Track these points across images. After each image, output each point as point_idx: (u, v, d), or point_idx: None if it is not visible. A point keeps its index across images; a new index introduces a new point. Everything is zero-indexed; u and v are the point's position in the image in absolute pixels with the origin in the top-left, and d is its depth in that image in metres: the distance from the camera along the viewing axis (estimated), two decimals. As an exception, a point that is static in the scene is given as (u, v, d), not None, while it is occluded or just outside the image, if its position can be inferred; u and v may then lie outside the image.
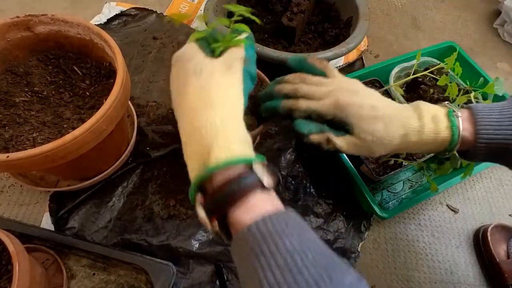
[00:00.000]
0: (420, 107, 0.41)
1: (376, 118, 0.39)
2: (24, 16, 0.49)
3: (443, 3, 1.03)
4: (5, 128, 0.46)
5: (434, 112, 0.41)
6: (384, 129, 0.39)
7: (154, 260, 0.51)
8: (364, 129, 0.39)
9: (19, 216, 0.57)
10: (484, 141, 0.39)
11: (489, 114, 0.39)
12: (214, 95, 0.31)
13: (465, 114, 0.41)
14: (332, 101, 0.40)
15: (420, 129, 0.40)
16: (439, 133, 0.40)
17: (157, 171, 0.62)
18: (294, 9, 0.71)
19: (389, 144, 0.40)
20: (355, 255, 0.60)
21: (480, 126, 0.39)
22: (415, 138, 0.40)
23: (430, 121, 0.40)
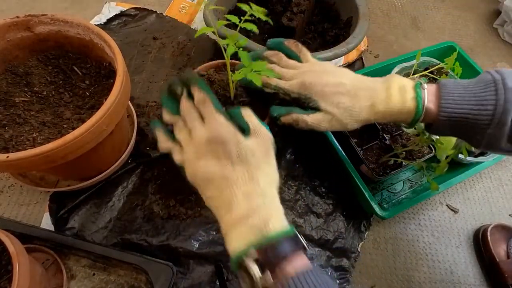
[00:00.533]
0: (390, 79, 0.44)
1: (340, 93, 0.43)
2: (24, 16, 0.49)
3: (443, 3, 1.03)
4: (5, 128, 0.46)
5: (402, 83, 0.43)
6: (350, 102, 0.43)
7: (154, 260, 0.51)
8: (329, 103, 0.43)
9: (19, 216, 0.57)
10: (446, 114, 0.41)
11: (454, 89, 0.41)
12: (262, 184, 0.36)
13: (433, 88, 0.43)
14: (299, 82, 0.45)
15: (387, 100, 0.43)
16: (404, 104, 0.42)
17: (157, 171, 0.62)
18: (294, 9, 0.71)
19: (359, 115, 0.44)
20: (355, 255, 0.60)
21: (444, 100, 0.41)
22: (382, 108, 0.43)
23: (397, 92, 0.43)
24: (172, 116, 0.42)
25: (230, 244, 0.34)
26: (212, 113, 0.38)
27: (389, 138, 0.64)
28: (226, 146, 0.36)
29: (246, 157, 0.36)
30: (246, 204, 0.34)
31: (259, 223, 0.33)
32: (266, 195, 0.36)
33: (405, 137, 0.65)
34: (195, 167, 0.38)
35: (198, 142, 0.38)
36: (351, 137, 0.63)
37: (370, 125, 0.65)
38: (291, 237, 0.33)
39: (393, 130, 0.66)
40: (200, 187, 0.38)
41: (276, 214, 0.35)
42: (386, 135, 0.64)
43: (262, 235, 0.33)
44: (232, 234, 0.34)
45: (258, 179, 0.36)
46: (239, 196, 0.35)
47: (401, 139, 0.65)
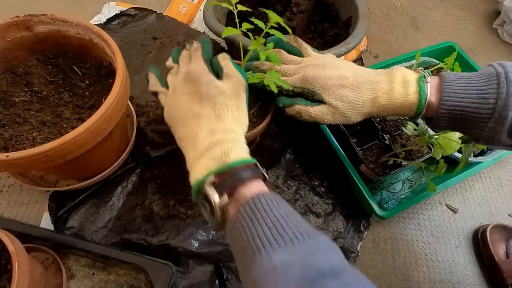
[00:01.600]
0: (393, 71, 0.44)
1: (342, 86, 0.43)
2: (24, 16, 0.49)
3: (443, 3, 1.03)
4: (5, 128, 0.46)
5: (405, 76, 0.43)
6: (352, 95, 0.43)
7: (154, 260, 0.51)
8: (332, 97, 0.43)
9: (18, 215, 0.57)
10: (447, 108, 0.40)
11: (456, 82, 0.41)
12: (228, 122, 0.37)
13: (435, 81, 0.42)
14: (301, 76, 0.45)
15: (390, 92, 0.42)
16: (407, 97, 0.42)
17: (156, 171, 0.62)
18: (294, 9, 0.71)
19: (362, 108, 0.44)
20: (355, 255, 0.60)
21: (445, 93, 0.40)
22: (384, 101, 0.43)
23: (400, 85, 0.42)
24: (171, 62, 0.45)
25: (192, 176, 0.35)
26: (197, 58, 0.41)
27: (388, 138, 0.64)
28: (198, 84, 0.38)
29: (215, 96, 0.38)
30: (210, 138, 0.36)
31: (219, 154, 0.35)
32: (230, 131, 0.37)
33: (404, 137, 0.66)
34: (171, 104, 0.40)
35: (177, 80, 0.40)
36: (350, 137, 0.63)
37: (369, 125, 0.65)
38: (250, 166, 0.35)
39: (392, 130, 0.66)
40: (173, 126, 0.40)
41: (238, 147, 0.36)
42: (385, 135, 0.64)
43: (222, 163, 0.34)
44: (195, 167, 0.35)
45: (225, 118, 0.37)
46: (204, 132, 0.36)
47: (400, 139, 0.65)
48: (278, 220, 0.30)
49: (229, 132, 0.37)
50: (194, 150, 0.36)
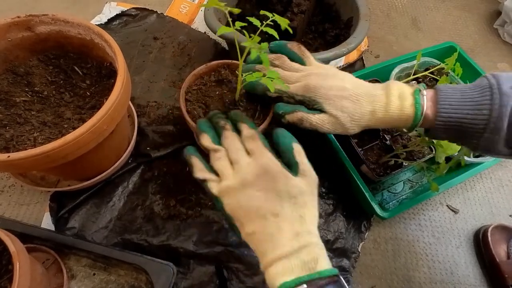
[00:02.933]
0: (390, 85, 0.45)
1: (343, 97, 0.44)
2: (25, 16, 0.49)
3: (444, 3, 1.03)
4: (6, 128, 0.46)
5: (401, 90, 0.44)
6: (352, 106, 0.44)
7: (155, 260, 0.51)
8: (333, 107, 0.44)
9: (19, 216, 0.57)
10: (442, 120, 0.41)
11: (451, 95, 0.42)
12: (309, 223, 0.36)
13: (430, 94, 0.43)
14: (302, 84, 0.45)
15: (387, 106, 0.43)
16: (403, 110, 0.43)
17: (157, 171, 0.62)
18: (295, 10, 0.71)
19: (360, 120, 0.44)
20: (355, 255, 0.60)
21: (440, 105, 0.41)
22: (382, 114, 0.44)
23: (396, 98, 0.43)
24: (211, 143, 0.41)
25: (275, 276, 0.33)
26: (261, 148, 0.39)
27: (389, 138, 0.64)
28: (276, 182, 0.36)
29: (295, 195, 0.36)
30: (295, 241, 0.34)
31: (309, 260, 0.33)
32: (313, 234, 0.36)
33: (405, 138, 0.65)
34: (240, 198, 0.37)
35: (246, 173, 0.37)
36: (351, 137, 0.63)
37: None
38: (337, 279, 0.34)
39: (393, 131, 0.66)
40: (242, 221, 0.37)
41: (324, 254, 0.35)
42: (386, 135, 0.64)
43: (311, 270, 0.33)
44: (277, 268, 0.33)
45: (306, 218, 0.36)
46: (287, 233, 0.35)
47: (401, 139, 0.65)
48: None
49: (312, 235, 0.36)
50: (275, 250, 0.34)
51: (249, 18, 0.42)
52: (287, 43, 0.49)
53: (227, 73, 0.55)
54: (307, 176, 0.38)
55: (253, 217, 0.36)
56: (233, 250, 0.56)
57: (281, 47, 0.49)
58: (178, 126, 0.66)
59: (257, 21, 0.41)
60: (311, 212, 0.37)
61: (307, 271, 0.33)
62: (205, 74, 0.55)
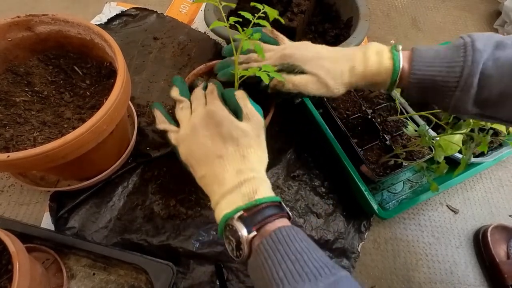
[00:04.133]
0: (367, 45, 0.46)
1: (320, 58, 0.45)
2: (24, 16, 0.49)
3: (443, 3, 1.03)
4: (6, 128, 0.46)
5: (379, 47, 0.45)
6: (331, 64, 0.45)
7: (154, 260, 0.51)
8: (311, 65, 0.45)
9: (19, 216, 0.57)
10: (417, 77, 0.42)
11: (425, 52, 0.42)
12: (252, 162, 0.39)
13: (407, 53, 0.44)
14: (278, 56, 0.46)
15: (365, 60, 0.44)
16: (381, 64, 0.44)
17: (157, 171, 0.62)
18: (295, 10, 0.71)
19: (341, 77, 0.45)
20: (355, 255, 0.60)
21: (415, 62, 0.42)
22: (361, 69, 0.44)
23: (374, 54, 0.44)
24: (179, 95, 0.45)
25: (221, 211, 0.37)
26: (214, 98, 0.42)
27: (389, 138, 0.64)
28: (221, 126, 0.39)
29: (238, 137, 0.39)
30: (238, 177, 0.37)
31: (248, 191, 0.36)
32: (256, 170, 0.39)
33: (405, 138, 0.66)
34: (190, 144, 0.40)
35: (196, 120, 0.40)
36: (351, 137, 0.63)
37: (370, 126, 0.65)
38: (277, 204, 0.37)
39: (393, 131, 0.66)
40: (194, 165, 0.40)
41: (264, 185, 0.38)
42: (386, 135, 0.64)
43: (250, 199, 0.36)
44: (222, 203, 0.37)
45: (249, 158, 0.39)
46: (231, 171, 0.38)
47: (401, 139, 0.65)
48: (300, 254, 0.31)
49: (255, 172, 0.38)
50: (221, 188, 0.37)
51: (241, 12, 0.42)
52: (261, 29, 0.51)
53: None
54: (250, 120, 0.40)
55: (202, 161, 0.39)
56: (233, 250, 0.56)
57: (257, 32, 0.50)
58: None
59: (249, 14, 0.41)
60: (256, 152, 0.40)
61: (246, 201, 0.36)
62: (204, 74, 0.55)
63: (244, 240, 0.34)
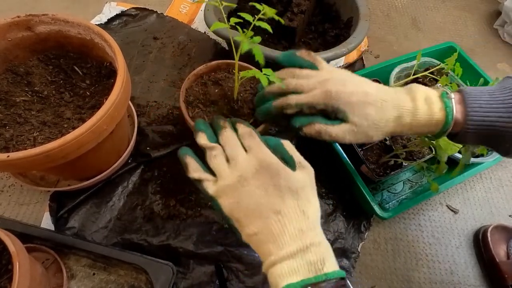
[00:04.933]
0: (413, 89, 0.42)
1: (367, 103, 0.41)
2: (24, 16, 0.49)
3: (443, 3, 1.03)
4: (6, 128, 0.46)
5: (427, 94, 0.42)
6: (377, 113, 0.41)
7: (154, 260, 0.51)
8: (357, 114, 0.40)
9: (19, 215, 0.57)
10: (474, 123, 0.40)
11: (480, 97, 0.40)
12: (313, 218, 0.35)
13: (457, 97, 0.41)
14: (322, 91, 0.41)
15: (414, 111, 0.41)
16: (433, 115, 0.41)
17: (157, 171, 0.62)
18: (295, 10, 0.71)
19: (385, 127, 0.42)
20: (355, 255, 0.60)
21: (470, 108, 0.40)
22: (409, 119, 0.41)
23: (423, 103, 0.41)
24: (207, 141, 0.39)
25: (279, 277, 0.32)
26: (259, 144, 0.37)
27: (389, 138, 0.64)
28: (277, 177, 0.35)
29: (297, 190, 0.35)
30: (299, 239, 0.33)
31: (315, 260, 0.32)
32: (318, 231, 0.35)
33: (405, 138, 0.66)
34: (238, 197, 0.35)
35: (243, 170, 0.36)
36: (351, 137, 0.63)
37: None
38: (344, 283, 0.32)
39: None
40: (242, 221, 0.35)
41: (331, 254, 0.34)
42: (386, 135, 0.64)
43: (319, 273, 0.31)
44: (281, 268, 0.32)
45: (309, 214, 0.35)
46: (291, 231, 0.33)
47: (401, 139, 0.65)
48: None
49: (317, 233, 0.34)
50: (279, 250, 0.33)
51: (241, 14, 0.42)
52: (295, 51, 0.46)
53: (227, 73, 0.55)
54: (305, 169, 0.37)
55: (253, 216, 0.34)
56: (233, 250, 0.56)
57: (290, 57, 0.46)
58: (178, 126, 0.66)
59: (249, 16, 0.41)
60: (314, 206, 0.36)
61: (314, 272, 0.31)
62: (205, 74, 0.55)
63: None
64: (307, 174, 0.37)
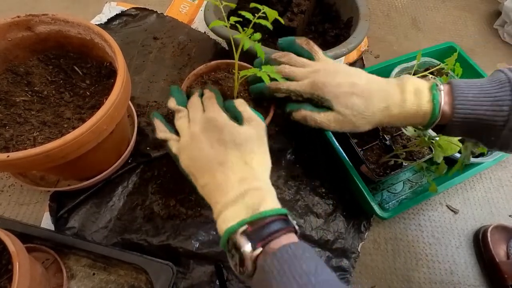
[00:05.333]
0: (404, 81, 0.43)
1: (354, 94, 0.42)
2: (24, 16, 0.49)
3: (443, 3, 1.03)
4: (6, 128, 0.46)
5: (417, 85, 0.42)
6: (363, 104, 0.42)
7: (154, 260, 0.51)
8: (342, 105, 0.42)
9: (19, 215, 0.57)
10: (461, 116, 0.40)
11: (468, 90, 0.40)
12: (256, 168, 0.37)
13: (446, 88, 0.41)
14: (310, 81, 0.44)
15: (402, 103, 0.41)
16: (420, 107, 0.41)
17: (157, 171, 0.62)
18: (295, 10, 0.71)
19: (372, 118, 0.43)
20: (355, 255, 0.60)
21: (458, 101, 0.40)
22: (396, 111, 0.42)
23: (412, 95, 0.41)
24: (176, 105, 0.44)
25: (223, 223, 0.34)
26: (212, 105, 0.41)
27: (389, 138, 0.64)
28: (221, 132, 0.38)
29: (240, 142, 0.37)
30: (241, 186, 0.35)
31: (253, 202, 0.34)
32: (260, 178, 0.37)
33: (405, 138, 0.66)
34: (191, 153, 0.39)
35: (195, 127, 0.39)
36: (351, 137, 0.63)
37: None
38: (283, 217, 0.35)
39: (393, 131, 0.66)
40: (195, 174, 0.38)
41: (270, 196, 0.36)
42: (386, 135, 0.64)
43: (255, 211, 0.34)
44: (225, 214, 0.35)
45: (252, 164, 0.37)
46: (233, 180, 0.36)
47: (401, 139, 0.65)
48: (307, 275, 0.29)
49: (259, 180, 0.37)
50: (223, 197, 0.35)
51: (241, 12, 0.42)
52: (295, 38, 0.49)
53: (226, 73, 0.55)
54: (252, 123, 0.39)
55: (203, 169, 0.37)
56: (233, 250, 0.56)
57: (290, 43, 0.49)
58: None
59: (249, 14, 0.41)
60: (259, 158, 0.38)
61: (251, 213, 0.34)
62: (204, 74, 0.55)
63: (248, 257, 0.32)
64: (253, 128, 0.39)
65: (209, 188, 0.37)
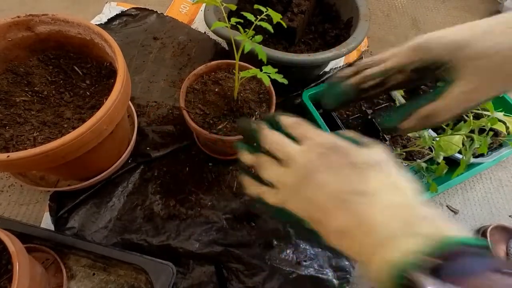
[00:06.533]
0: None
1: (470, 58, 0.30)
2: (25, 16, 0.49)
3: (444, 4, 1.03)
4: (6, 128, 0.46)
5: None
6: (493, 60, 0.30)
7: (154, 260, 0.51)
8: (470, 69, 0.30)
9: (19, 216, 0.57)
10: None
11: None
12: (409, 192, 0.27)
13: None
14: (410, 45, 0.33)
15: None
16: None
17: (157, 171, 0.62)
18: (295, 10, 0.71)
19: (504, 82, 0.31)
20: (355, 256, 0.60)
21: None
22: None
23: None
24: (251, 155, 0.33)
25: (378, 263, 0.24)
26: (313, 129, 0.31)
27: (389, 138, 0.64)
28: (347, 155, 0.28)
29: (378, 163, 0.28)
30: (399, 217, 0.25)
31: (427, 231, 0.24)
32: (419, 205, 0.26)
33: (405, 138, 0.65)
34: (308, 192, 0.28)
35: (306, 162, 0.29)
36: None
37: (370, 126, 0.65)
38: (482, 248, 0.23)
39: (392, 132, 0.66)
40: (321, 218, 0.28)
41: (447, 221, 0.25)
42: (386, 136, 0.64)
43: (437, 240, 0.23)
44: (383, 252, 0.24)
45: (404, 187, 0.27)
46: (385, 211, 0.26)
47: (401, 140, 0.65)
48: None
49: (417, 207, 0.26)
50: (373, 235, 0.25)
51: (243, 13, 0.42)
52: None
53: (227, 73, 0.55)
54: (374, 145, 0.30)
55: (335, 206, 0.27)
56: (233, 250, 0.56)
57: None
58: (178, 126, 0.66)
59: (251, 15, 0.41)
60: (407, 180, 0.28)
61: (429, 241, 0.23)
62: (205, 74, 0.55)
63: None
64: (380, 148, 0.30)
65: (350, 228, 0.26)
